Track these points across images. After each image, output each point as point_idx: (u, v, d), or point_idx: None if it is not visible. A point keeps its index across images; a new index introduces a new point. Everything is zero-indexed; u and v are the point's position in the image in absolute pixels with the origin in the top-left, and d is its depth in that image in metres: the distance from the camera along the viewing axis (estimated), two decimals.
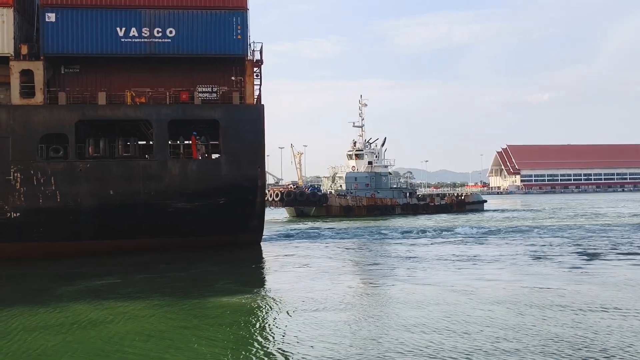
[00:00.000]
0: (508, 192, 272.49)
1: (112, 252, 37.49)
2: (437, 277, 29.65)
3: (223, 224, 39.14)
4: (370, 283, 30.08)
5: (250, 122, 39.81)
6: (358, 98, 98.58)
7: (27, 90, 37.73)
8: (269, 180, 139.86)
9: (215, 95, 39.94)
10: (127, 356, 16.44)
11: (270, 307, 23.85)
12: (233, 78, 40.52)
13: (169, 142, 39.81)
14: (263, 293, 27.11)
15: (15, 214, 37.06)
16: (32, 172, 37.14)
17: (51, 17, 38.19)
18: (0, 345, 17.81)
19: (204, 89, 39.75)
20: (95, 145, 38.43)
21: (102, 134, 39.28)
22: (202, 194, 38.74)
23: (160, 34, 38.84)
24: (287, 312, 22.52)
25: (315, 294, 25.73)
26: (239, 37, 39.57)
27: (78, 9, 38.46)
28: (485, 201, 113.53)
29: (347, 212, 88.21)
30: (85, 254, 37.14)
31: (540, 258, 36.77)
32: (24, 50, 37.89)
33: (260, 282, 31.29)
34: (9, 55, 37.51)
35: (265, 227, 63.05)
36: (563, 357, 15.75)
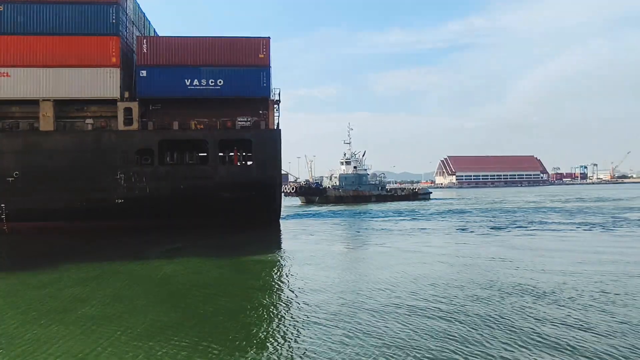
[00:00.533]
0: (448, 187, 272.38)
1: (183, 226, 37.21)
2: (395, 242, 29.87)
3: (253, 208, 38.79)
4: (353, 246, 30.35)
5: (271, 140, 39.71)
6: (347, 125, 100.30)
7: (128, 120, 37.70)
8: (290, 178, 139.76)
9: (249, 122, 39.78)
10: (186, 299, 15.97)
11: (286, 261, 23.76)
12: (260, 112, 40.12)
13: (219, 154, 39.55)
14: (281, 253, 26.90)
15: (120, 201, 37.30)
16: (131, 173, 37.17)
17: (143, 73, 38.27)
18: (104, 287, 17.74)
19: (241, 119, 39.71)
20: (171, 156, 38.68)
21: (175, 149, 39.23)
22: (239, 188, 38.31)
23: (213, 83, 38.77)
24: (297, 264, 22.52)
25: (316, 253, 25.81)
26: (264, 85, 39.42)
27: (161, 67, 38.32)
28: (431, 192, 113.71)
29: (340, 200, 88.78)
30: (165, 228, 36.92)
31: (463, 229, 36.57)
32: (126, 95, 37.94)
33: (280, 246, 31.07)
34: (117, 98, 37.66)
35: (284, 210, 63.98)
36: (471, 286, 16.48)
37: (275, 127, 40.95)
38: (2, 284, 18.87)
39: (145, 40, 38.54)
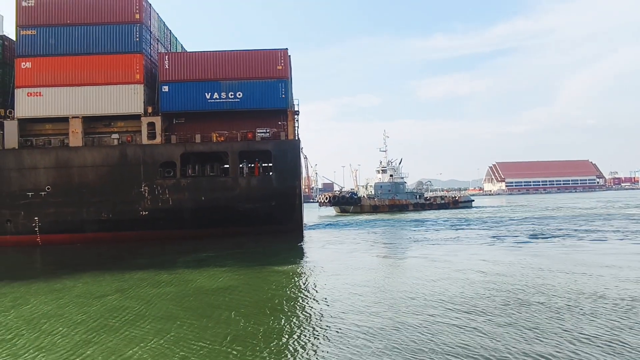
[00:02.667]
0: (497, 194, 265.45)
1: (205, 236, 38.08)
2: (427, 251, 28.82)
3: (274, 219, 39.05)
4: (383, 256, 29.34)
5: (290, 151, 39.97)
6: (387, 132, 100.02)
7: (151, 135, 39.02)
8: (335, 188, 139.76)
9: (268, 134, 40.45)
10: (211, 303, 16.72)
11: (313, 271, 23.77)
12: (279, 122, 40.54)
13: (240, 165, 40.11)
14: (310, 263, 26.92)
15: (145, 212, 38.59)
16: (154, 186, 38.43)
17: (166, 88, 39.59)
18: (139, 292, 18.75)
19: (261, 130, 40.41)
20: (193, 168, 39.37)
21: (197, 161, 39.97)
22: (260, 198, 38.86)
23: (232, 96, 39.60)
24: (326, 274, 22.37)
25: (344, 263, 25.63)
26: (283, 96, 39.90)
27: (182, 82, 39.56)
28: (473, 200, 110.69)
29: (375, 209, 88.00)
30: (188, 238, 38.03)
31: (499, 238, 34.96)
32: (149, 110, 39.32)
33: (307, 256, 31.10)
34: (141, 113, 39.16)
35: (316, 219, 63.97)
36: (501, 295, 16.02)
37: (294, 138, 41.00)
38: (48, 294, 19.53)
39: (167, 57, 39.99)
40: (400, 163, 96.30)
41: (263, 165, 41.97)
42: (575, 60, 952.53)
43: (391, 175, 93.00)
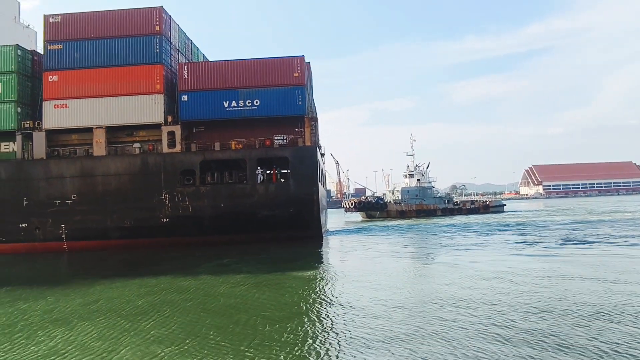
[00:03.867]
0: (534, 198, 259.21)
1: (224, 243, 38.64)
2: (452, 258, 28.24)
3: (293, 225, 39.27)
4: (410, 261, 28.63)
5: (308, 157, 40.17)
6: (419, 136, 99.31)
7: (171, 143, 40.02)
8: (368, 193, 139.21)
9: (285, 140, 40.80)
10: (235, 307, 17.09)
11: (334, 277, 23.61)
12: (296, 129, 40.93)
13: (258, 172, 40.64)
14: (331, 268, 26.72)
15: (166, 219, 39.47)
16: (175, 193, 39.29)
17: (185, 97, 40.61)
18: (165, 297, 19.24)
19: (278, 137, 40.77)
20: (212, 175, 40.03)
21: (216, 169, 40.55)
22: (278, 205, 39.17)
23: (250, 104, 40.29)
24: (347, 280, 22.21)
25: (369, 268, 25.50)
26: (300, 103, 40.31)
27: (201, 91, 40.48)
28: (505, 204, 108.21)
29: (402, 214, 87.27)
30: (208, 244, 38.63)
31: (528, 244, 33.66)
32: (169, 119, 40.39)
33: (330, 261, 31.05)
34: (161, 122, 40.27)
35: (340, 225, 63.94)
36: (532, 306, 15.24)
37: (316, 143, 41.57)
38: (79, 297, 20.43)
39: (185, 67, 41.04)
40: (427, 167, 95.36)
41: (281, 171, 42.29)
42: (614, 58, 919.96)
43: (418, 180, 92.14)
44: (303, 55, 41.16)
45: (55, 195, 39.73)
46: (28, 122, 40.95)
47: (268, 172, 41.30)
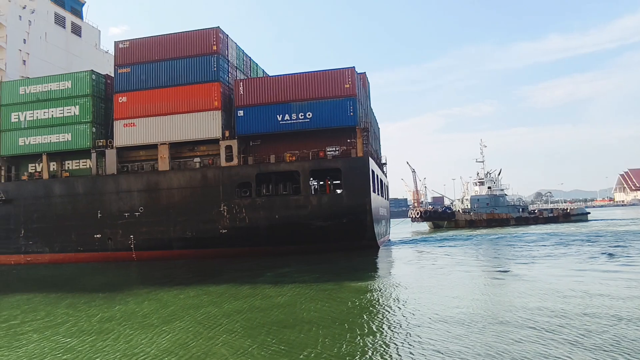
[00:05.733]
0: (631, 204, 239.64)
1: (279, 254, 39.71)
2: (527, 272, 26.37)
3: (346, 235, 39.68)
4: (475, 275, 26.94)
5: (360, 168, 40.34)
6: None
7: (229, 157, 41.80)
8: (446, 201, 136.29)
9: (338, 152, 41.43)
10: (296, 316, 17.50)
11: (396, 288, 23.20)
12: (348, 140, 41.31)
13: (311, 184, 41.52)
14: (394, 279, 26.40)
15: (224, 231, 41.32)
16: (232, 205, 41.07)
17: (241, 113, 42.33)
18: (232, 305, 19.97)
19: (330, 149, 41.46)
20: (267, 187, 41.29)
21: (271, 181, 41.67)
22: (331, 216, 39.67)
23: (302, 117, 41.20)
24: (408, 292, 21.84)
25: (433, 280, 25.06)
26: (352, 114, 40.67)
27: (255, 106, 42.05)
28: (589, 213, 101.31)
29: (471, 224, 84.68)
30: (264, 254, 40.01)
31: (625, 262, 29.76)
32: (227, 134, 42.20)
33: (393, 271, 30.67)
34: (219, 137, 42.24)
35: (407, 235, 63.05)
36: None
37: (368, 154, 41.62)
38: (138, 304, 22.27)
39: (241, 83, 42.90)
40: (499, 174, 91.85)
41: (333, 182, 42.71)
42: None
43: (489, 188, 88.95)
44: (354, 67, 41.57)
45: (124, 208, 42.97)
46: (101, 140, 44.76)
47: (321, 183, 41.91)
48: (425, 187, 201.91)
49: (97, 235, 43.60)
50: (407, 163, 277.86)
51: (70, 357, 13.81)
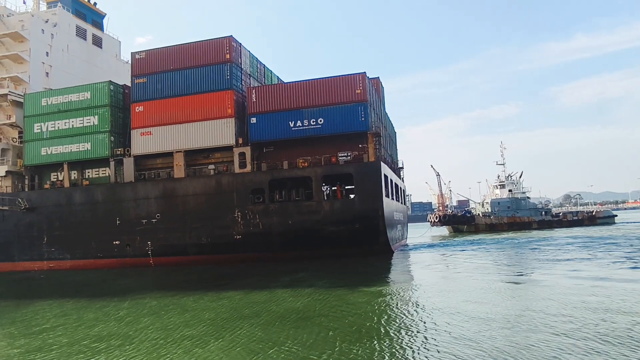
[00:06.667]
0: None
1: (293, 259, 40.18)
2: (545, 277, 25.79)
3: (359, 240, 39.85)
4: (493, 280, 26.14)
5: (371, 173, 40.52)
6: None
7: (242, 164, 42.46)
8: (471, 204, 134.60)
9: (349, 157, 41.65)
10: (311, 320, 17.76)
11: (413, 292, 23.26)
12: (360, 145, 41.50)
13: (323, 189, 41.82)
14: (408, 284, 26.06)
15: (239, 236, 41.87)
16: (246, 211, 41.62)
17: (254, 120, 43.01)
18: (252, 310, 20.28)
19: (342, 154, 41.70)
20: (280, 193, 41.77)
21: (284, 187, 42.18)
22: (344, 221, 39.83)
23: (314, 123, 41.64)
24: (424, 296, 22.00)
25: (448, 285, 24.93)
26: (363, 119, 40.89)
27: (268, 113, 42.70)
28: (616, 215, 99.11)
29: (491, 228, 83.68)
30: (277, 260, 40.48)
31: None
32: (240, 141, 42.88)
33: (405, 277, 30.40)
34: (232, 144, 43.00)
35: (426, 239, 62.47)
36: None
37: (380, 159, 41.87)
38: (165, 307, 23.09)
39: (254, 91, 43.60)
40: (520, 176, 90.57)
41: (345, 188, 42.98)
42: None
43: (510, 191, 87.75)
44: (365, 72, 41.85)
45: (142, 215, 44.05)
46: (119, 149, 46.05)
47: (333, 188, 42.20)
48: (450, 190, 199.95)
49: (116, 242, 44.79)
50: (432, 166, 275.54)
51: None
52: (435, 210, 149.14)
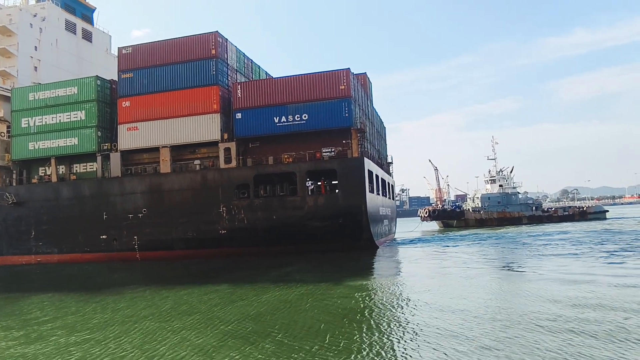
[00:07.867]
0: None
1: (277, 254, 40.62)
2: (539, 269, 26.50)
3: (342, 235, 40.35)
4: (480, 273, 26.62)
5: (355, 168, 40.99)
6: (491, 139, 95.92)
7: (227, 159, 42.97)
8: (468, 199, 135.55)
9: (333, 153, 41.95)
10: (300, 311, 18.34)
11: (399, 287, 23.71)
12: (344, 141, 41.92)
13: (307, 184, 42.20)
14: (398, 278, 26.68)
15: (224, 231, 42.43)
16: (231, 206, 42.13)
17: (239, 115, 43.41)
18: (226, 304, 20.54)
19: (326, 150, 42.00)
20: (265, 189, 42.15)
21: (269, 182, 42.46)
22: (328, 217, 40.30)
23: (299, 119, 42.04)
24: (410, 290, 22.26)
25: (432, 281, 25.20)
26: (347, 115, 41.26)
27: (253, 109, 43.10)
28: (607, 211, 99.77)
29: (481, 223, 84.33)
30: (262, 255, 41.01)
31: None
32: (225, 136, 43.32)
33: (391, 271, 30.95)
34: (218, 140, 43.40)
35: (415, 234, 62.86)
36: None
37: (364, 154, 42.30)
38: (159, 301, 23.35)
39: (239, 86, 43.99)
40: (511, 171, 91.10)
41: (331, 183, 43.44)
42: None
43: (501, 186, 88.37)
44: (349, 68, 42.23)
45: (129, 209, 44.55)
46: (106, 144, 46.49)
47: (318, 184, 42.66)
48: (448, 184, 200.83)
49: (103, 236, 45.32)
50: (430, 161, 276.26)
51: (97, 351, 14.63)
52: (432, 204, 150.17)
